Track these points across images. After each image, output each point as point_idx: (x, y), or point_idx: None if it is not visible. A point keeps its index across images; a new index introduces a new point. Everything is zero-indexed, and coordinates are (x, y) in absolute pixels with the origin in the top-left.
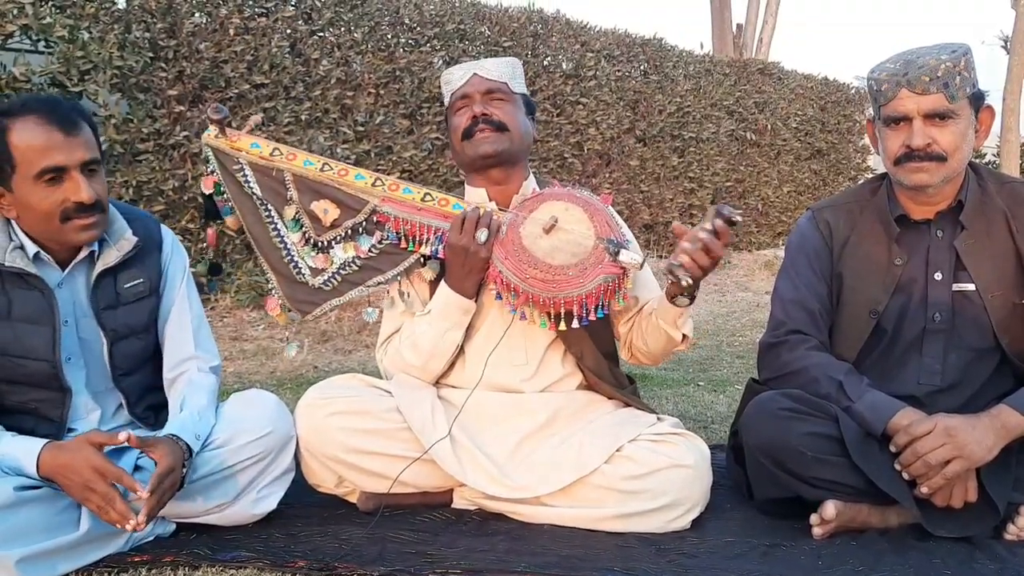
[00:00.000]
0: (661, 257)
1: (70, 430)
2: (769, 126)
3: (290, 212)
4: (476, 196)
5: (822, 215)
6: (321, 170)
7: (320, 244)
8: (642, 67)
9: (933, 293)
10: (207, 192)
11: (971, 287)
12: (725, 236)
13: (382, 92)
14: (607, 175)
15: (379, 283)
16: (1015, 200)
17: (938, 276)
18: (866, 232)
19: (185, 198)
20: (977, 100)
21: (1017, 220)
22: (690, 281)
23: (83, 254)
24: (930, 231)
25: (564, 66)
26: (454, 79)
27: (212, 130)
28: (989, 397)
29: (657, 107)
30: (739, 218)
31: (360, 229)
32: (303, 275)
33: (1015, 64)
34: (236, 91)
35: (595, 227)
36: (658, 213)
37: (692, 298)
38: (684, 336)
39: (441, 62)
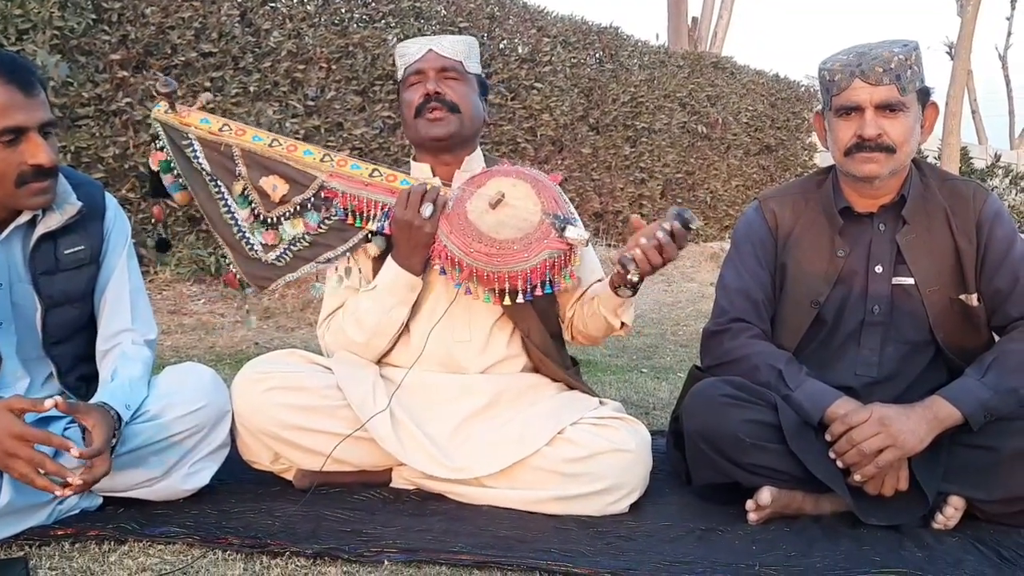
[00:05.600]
0: (610, 246)
1: None
2: (720, 120)
3: (239, 188)
4: (419, 171)
5: (768, 205)
6: (270, 145)
7: (269, 220)
8: (597, 55)
9: (873, 286)
10: (154, 168)
11: (910, 281)
12: (681, 239)
13: (334, 67)
14: (559, 161)
15: (328, 259)
16: (956, 197)
17: (879, 269)
18: (811, 223)
19: (126, 166)
20: (924, 95)
21: (957, 217)
22: (638, 277)
23: (24, 217)
24: (873, 224)
25: (520, 50)
26: (409, 52)
27: (162, 105)
28: (923, 390)
29: (611, 96)
30: (696, 224)
31: (308, 205)
32: (255, 251)
33: (959, 69)
34: (183, 58)
35: (542, 203)
36: (608, 202)
37: (635, 290)
38: (623, 323)
39: (395, 39)
